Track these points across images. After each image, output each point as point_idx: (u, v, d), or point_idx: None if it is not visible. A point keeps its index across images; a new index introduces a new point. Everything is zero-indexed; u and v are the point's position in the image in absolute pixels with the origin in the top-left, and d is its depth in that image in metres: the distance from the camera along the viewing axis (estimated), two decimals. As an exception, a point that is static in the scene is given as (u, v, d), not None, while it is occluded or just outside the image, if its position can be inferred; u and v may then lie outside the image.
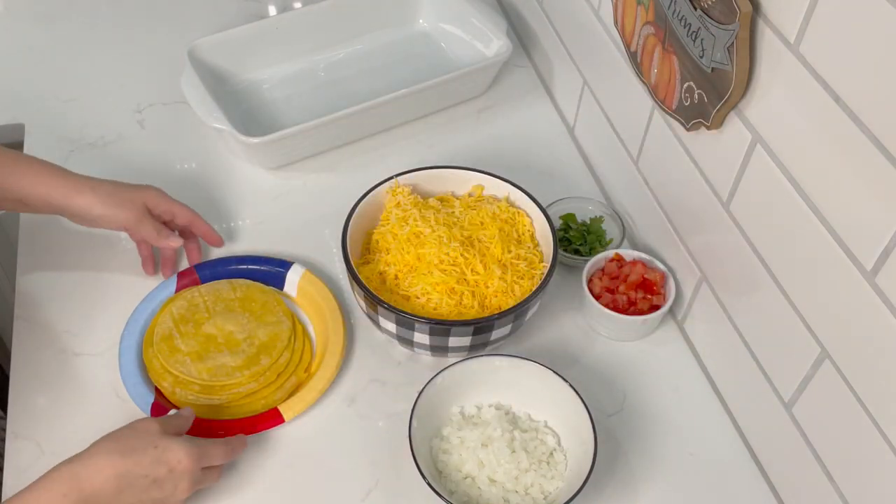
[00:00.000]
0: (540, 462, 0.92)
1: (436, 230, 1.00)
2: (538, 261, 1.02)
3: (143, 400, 0.96)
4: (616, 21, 1.06)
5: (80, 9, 1.45)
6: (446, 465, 0.92)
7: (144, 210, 1.03)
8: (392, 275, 1.00)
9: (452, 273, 0.98)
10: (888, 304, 0.71)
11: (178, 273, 1.07)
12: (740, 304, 0.94)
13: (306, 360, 1.02)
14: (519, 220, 1.05)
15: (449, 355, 0.99)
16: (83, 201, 0.98)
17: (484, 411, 0.96)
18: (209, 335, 1.00)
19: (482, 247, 1.01)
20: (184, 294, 1.04)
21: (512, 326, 0.97)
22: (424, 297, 0.98)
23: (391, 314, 0.94)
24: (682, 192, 1.01)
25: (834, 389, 0.80)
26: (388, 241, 1.02)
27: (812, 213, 0.78)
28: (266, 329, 1.01)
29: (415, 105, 1.27)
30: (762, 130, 0.83)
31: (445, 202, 1.07)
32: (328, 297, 1.05)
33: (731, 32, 0.80)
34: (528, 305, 0.95)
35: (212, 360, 0.98)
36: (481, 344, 0.97)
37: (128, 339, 1.01)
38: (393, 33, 1.39)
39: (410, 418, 0.90)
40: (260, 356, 0.98)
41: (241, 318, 1.01)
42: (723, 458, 0.98)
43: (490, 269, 0.99)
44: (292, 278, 1.07)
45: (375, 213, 1.06)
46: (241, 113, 1.27)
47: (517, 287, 0.99)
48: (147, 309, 1.04)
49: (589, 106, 1.22)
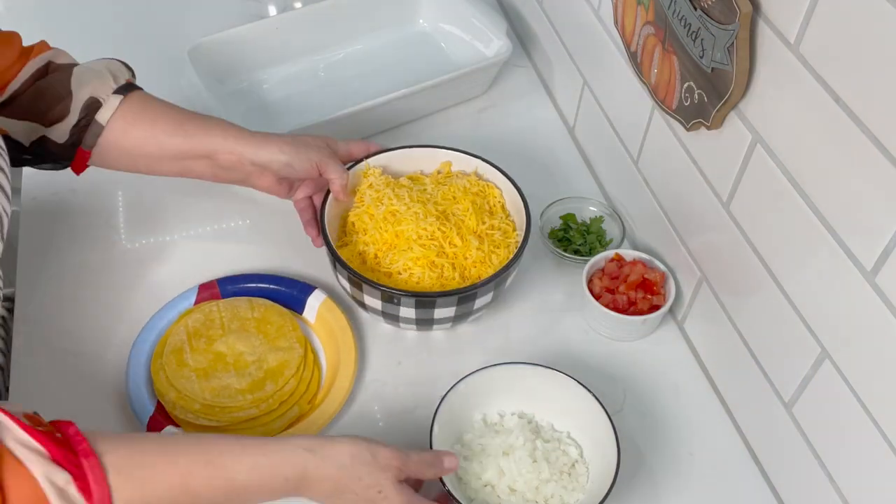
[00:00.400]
0: (561, 473, 0.91)
1: (411, 207, 1.03)
2: (511, 230, 1.05)
3: (143, 411, 0.95)
4: (616, 21, 1.06)
5: (80, 9, 1.45)
6: (466, 472, 0.91)
7: (328, 150, 1.04)
8: (372, 254, 1.03)
9: (431, 247, 1.01)
10: (888, 304, 0.71)
11: (200, 285, 1.06)
12: (740, 304, 0.94)
13: (312, 390, 0.99)
14: (489, 193, 1.08)
15: (434, 328, 1.02)
16: (269, 148, 1.00)
17: (507, 419, 0.95)
18: (219, 353, 0.99)
19: (457, 220, 1.04)
20: (202, 307, 1.03)
21: (493, 294, 0.99)
22: (406, 273, 1.00)
23: (376, 291, 0.96)
24: (682, 192, 1.01)
25: (834, 389, 0.80)
26: (365, 221, 1.04)
27: (812, 213, 0.78)
28: (277, 354, 0.99)
29: (415, 105, 1.27)
30: (762, 130, 0.83)
31: (416, 180, 1.09)
32: (345, 326, 1.03)
33: (731, 32, 0.80)
34: (508, 272, 0.98)
35: (217, 380, 0.96)
36: (465, 314, 1.00)
37: (139, 346, 1.00)
38: (393, 33, 1.39)
39: (432, 423, 0.90)
40: (266, 381, 0.96)
41: (254, 340, 1.00)
42: (723, 458, 0.98)
43: (467, 240, 1.02)
44: (313, 303, 1.05)
45: (349, 196, 1.08)
46: (241, 113, 1.27)
47: (494, 256, 1.02)
48: (164, 318, 1.03)
49: (589, 106, 1.22)
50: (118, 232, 1.15)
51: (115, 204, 1.17)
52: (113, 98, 0.97)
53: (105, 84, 0.97)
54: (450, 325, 1.02)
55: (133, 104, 0.98)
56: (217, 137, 1.00)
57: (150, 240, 1.14)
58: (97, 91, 0.96)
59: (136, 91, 1.00)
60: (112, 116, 0.97)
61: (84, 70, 0.97)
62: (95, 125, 0.96)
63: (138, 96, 0.99)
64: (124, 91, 0.98)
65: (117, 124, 0.97)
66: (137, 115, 0.98)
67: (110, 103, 0.96)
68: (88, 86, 0.96)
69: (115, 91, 0.97)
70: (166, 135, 0.99)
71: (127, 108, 0.97)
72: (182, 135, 0.99)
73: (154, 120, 0.99)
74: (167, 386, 0.96)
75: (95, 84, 0.96)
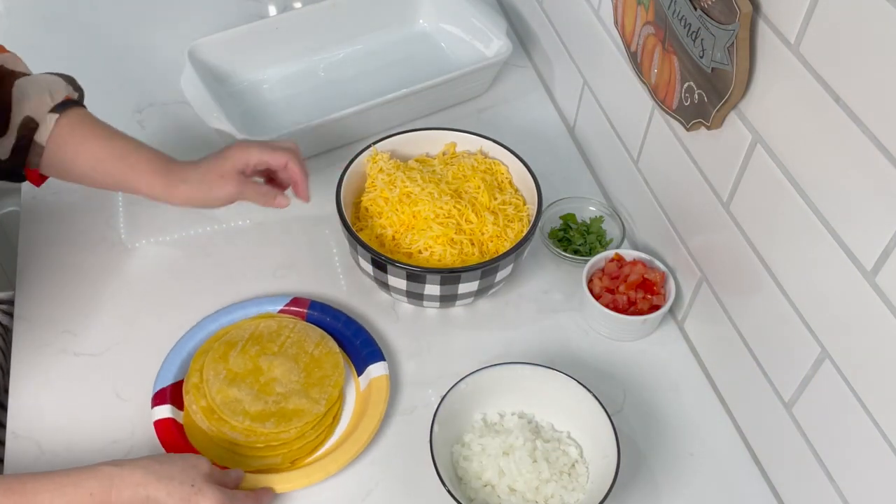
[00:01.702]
0: (561, 473, 0.91)
1: (425, 188, 1.05)
2: (522, 204, 1.09)
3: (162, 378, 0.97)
4: (616, 21, 1.06)
5: (79, 9, 1.45)
6: (466, 472, 0.92)
7: (241, 178, 1.01)
8: (389, 236, 1.05)
9: (449, 225, 1.03)
10: (888, 304, 0.71)
11: (294, 299, 1.05)
12: (740, 304, 0.94)
13: (312, 446, 0.95)
14: (497, 170, 1.11)
15: (457, 304, 1.05)
16: (181, 195, 0.99)
17: (507, 419, 0.95)
18: (258, 367, 0.97)
19: (470, 198, 1.07)
20: (281, 319, 1.03)
21: (513, 266, 1.03)
22: (427, 252, 1.03)
23: (401, 271, 0.99)
24: (682, 192, 1.01)
25: (834, 389, 0.80)
26: (380, 205, 1.06)
27: (812, 213, 0.78)
28: (301, 400, 0.95)
29: (415, 105, 1.27)
30: (762, 130, 0.83)
31: (424, 162, 1.12)
32: (379, 405, 0.97)
33: (731, 32, 0.80)
34: (525, 244, 1.02)
35: (236, 390, 0.95)
36: (487, 287, 1.03)
37: (214, 318, 1.03)
38: (393, 33, 1.39)
39: (432, 423, 0.90)
40: (271, 418, 0.94)
41: (293, 375, 0.97)
42: (723, 458, 0.98)
43: (482, 216, 1.05)
44: (372, 372, 1.00)
45: (359, 183, 1.10)
46: (241, 113, 1.27)
47: (509, 230, 1.05)
48: (247, 309, 1.04)
49: (589, 106, 1.22)
50: (118, 232, 1.15)
51: (115, 204, 1.17)
52: (49, 117, 0.96)
53: (43, 101, 0.96)
54: (472, 299, 1.05)
55: (63, 127, 0.97)
56: (131, 182, 0.99)
57: (149, 240, 1.14)
58: (35, 110, 0.95)
59: (71, 110, 0.98)
60: (49, 136, 0.96)
61: (26, 83, 0.96)
62: (36, 146, 0.96)
63: (69, 119, 0.97)
64: (60, 109, 0.96)
65: (54, 143, 0.97)
66: (66, 138, 0.97)
67: (47, 123, 0.96)
68: (28, 102, 0.95)
69: (51, 109, 0.96)
70: (89, 167, 0.98)
71: (58, 131, 0.97)
72: (101, 174, 0.99)
73: (76, 151, 0.98)
74: (197, 367, 0.97)
75: (35, 101, 0.95)
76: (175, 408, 0.96)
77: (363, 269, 1.03)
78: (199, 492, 0.82)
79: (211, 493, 0.82)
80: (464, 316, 1.08)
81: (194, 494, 0.81)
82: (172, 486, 0.81)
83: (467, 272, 0.98)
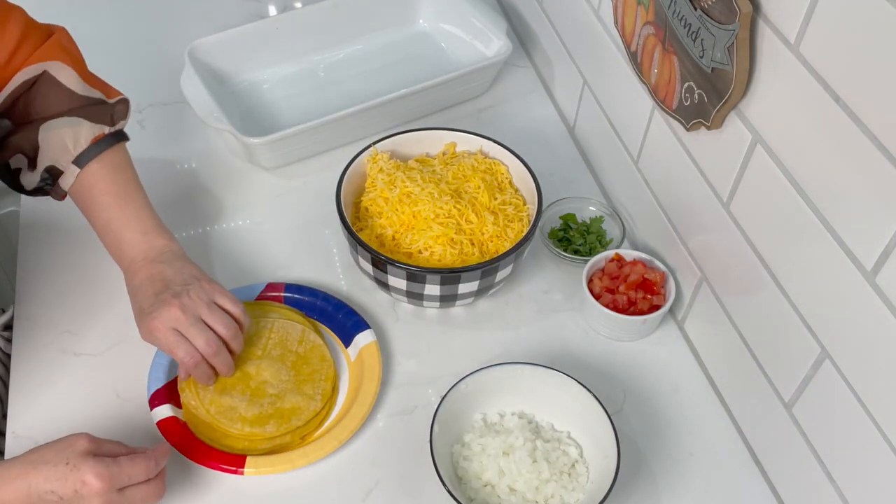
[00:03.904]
0: (561, 473, 0.91)
1: (425, 188, 1.05)
2: (522, 204, 1.09)
3: (153, 382, 0.97)
4: (616, 21, 1.06)
5: (79, 9, 1.45)
6: (466, 472, 0.92)
7: None
8: (389, 236, 1.05)
9: (450, 224, 1.03)
10: (888, 304, 0.71)
11: (268, 284, 1.06)
12: (740, 304, 0.94)
13: (308, 429, 0.96)
14: (496, 170, 1.11)
15: (457, 304, 1.05)
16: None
17: (507, 419, 0.95)
18: (246, 373, 0.97)
19: (470, 198, 1.07)
20: (260, 322, 1.01)
21: (513, 266, 1.03)
22: (428, 252, 1.03)
23: (401, 271, 0.99)
24: (682, 192, 1.01)
25: (834, 389, 0.80)
26: (380, 205, 1.06)
27: (812, 213, 0.78)
28: (296, 398, 0.96)
29: (415, 105, 1.27)
30: (762, 130, 0.83)
31: (424, 162, 1.12)
32: (375, 369, 0.99)
33: (731, 32, 0.80)
34: (525, 244, 1.01)
35: (229, 399, 0.95)
36: (487, 287, 1.03)
37: None
38: (393, 33, 1.39)
39: (432, 423, 0.90)
40: (270, 420, 0.94)
41: (283, 374, 0.98)
42: (723, 458, 0.98)
43: (482, 216, 1.05)
44: (360, 341, 1.02)
45: (359, 183, 1.10)
46: (241, 113, 1.27)
47: (509, 230, 1.05)
48: None
49: (589, 106, 1.22)
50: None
51: (115, 204, 1.17)
52: (72, 169, 0.97)
53: (66, 151, 0.97)
54: (472, 299, 1.05)
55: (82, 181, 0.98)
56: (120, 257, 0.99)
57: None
58: (58, 158, 0.97)
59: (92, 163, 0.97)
60: (70, 188, 0.98)
61: (51, 128, 0.96)
62: (59, 189, 0.99)
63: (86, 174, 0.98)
64: (84, 158, 0.97)
65: (74, 194, 1.00)
66: (81, 196, 0.99)
67: (70, 173, 0.97)
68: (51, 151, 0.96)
69: (73, 161, 0.97)
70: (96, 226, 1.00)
71: (77, 185, 0.98)
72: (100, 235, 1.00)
73: (88, 210, 0.99)
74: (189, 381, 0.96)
75: (57, 150, 0.96)
76: (174, 406, 0.96)
77: (363, 268, 1.04)
78: (75, 468, 0.80)
79: (87, 466, 0.80)
80: (464, 316, 1.08)
81: (71, 471, 0.80)
82: (48, 469, 0.80)
83: (467, 272, 0.99)
